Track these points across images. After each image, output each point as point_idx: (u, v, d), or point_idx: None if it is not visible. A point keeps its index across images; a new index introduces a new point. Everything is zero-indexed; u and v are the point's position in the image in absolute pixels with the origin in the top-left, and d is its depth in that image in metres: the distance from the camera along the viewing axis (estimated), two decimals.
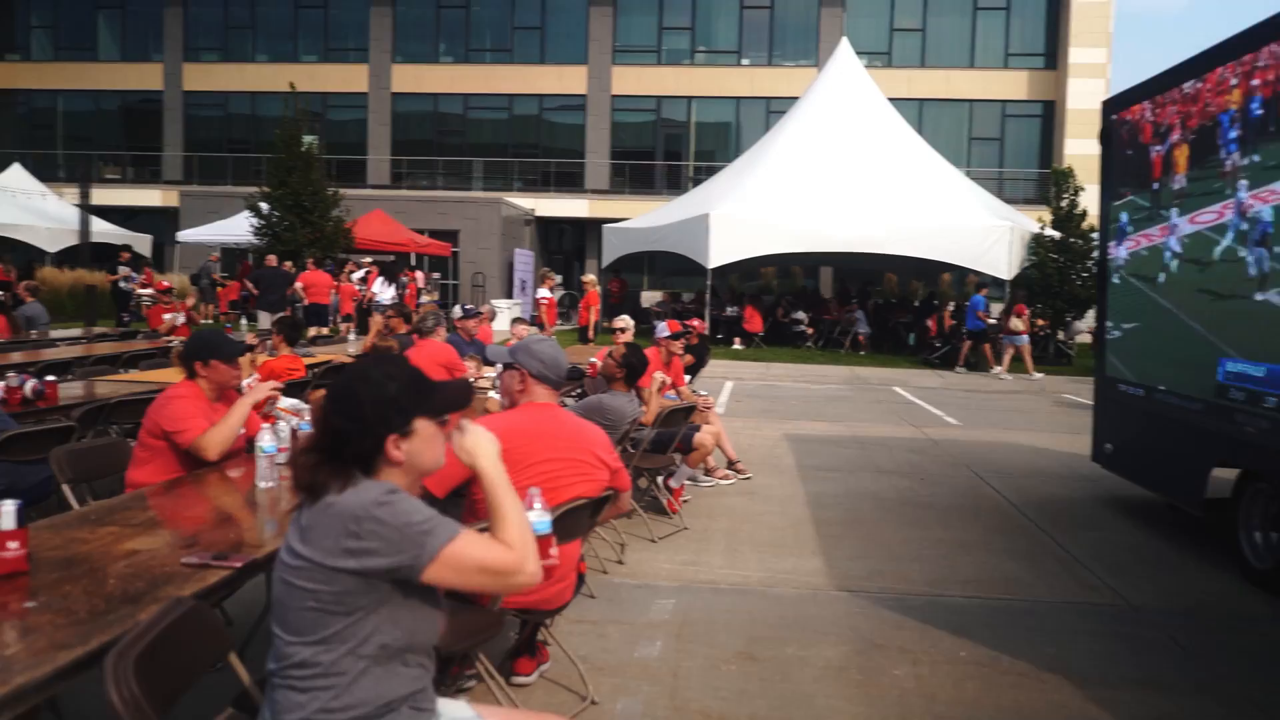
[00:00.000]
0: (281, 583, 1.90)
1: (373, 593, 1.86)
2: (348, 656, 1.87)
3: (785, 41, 30.36)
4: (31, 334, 11.29)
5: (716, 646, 4.11)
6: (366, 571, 1.83)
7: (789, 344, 20.82)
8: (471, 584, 1.92)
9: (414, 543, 1.85)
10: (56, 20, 32.92)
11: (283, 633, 1.90)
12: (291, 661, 1.88)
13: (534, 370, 3.44)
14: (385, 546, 1.83)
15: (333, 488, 1.90)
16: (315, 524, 1.87)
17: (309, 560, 1.85)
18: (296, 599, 1.86)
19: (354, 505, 1.86)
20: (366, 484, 1.93)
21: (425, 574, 1.86)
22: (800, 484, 7.45)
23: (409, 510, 1.88)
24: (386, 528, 1.84)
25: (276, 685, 1.92)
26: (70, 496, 3.81)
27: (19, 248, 24.27)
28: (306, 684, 1.87)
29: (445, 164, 31.29)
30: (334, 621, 1.86)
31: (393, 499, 1.88)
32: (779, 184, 18.84)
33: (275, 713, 1.91)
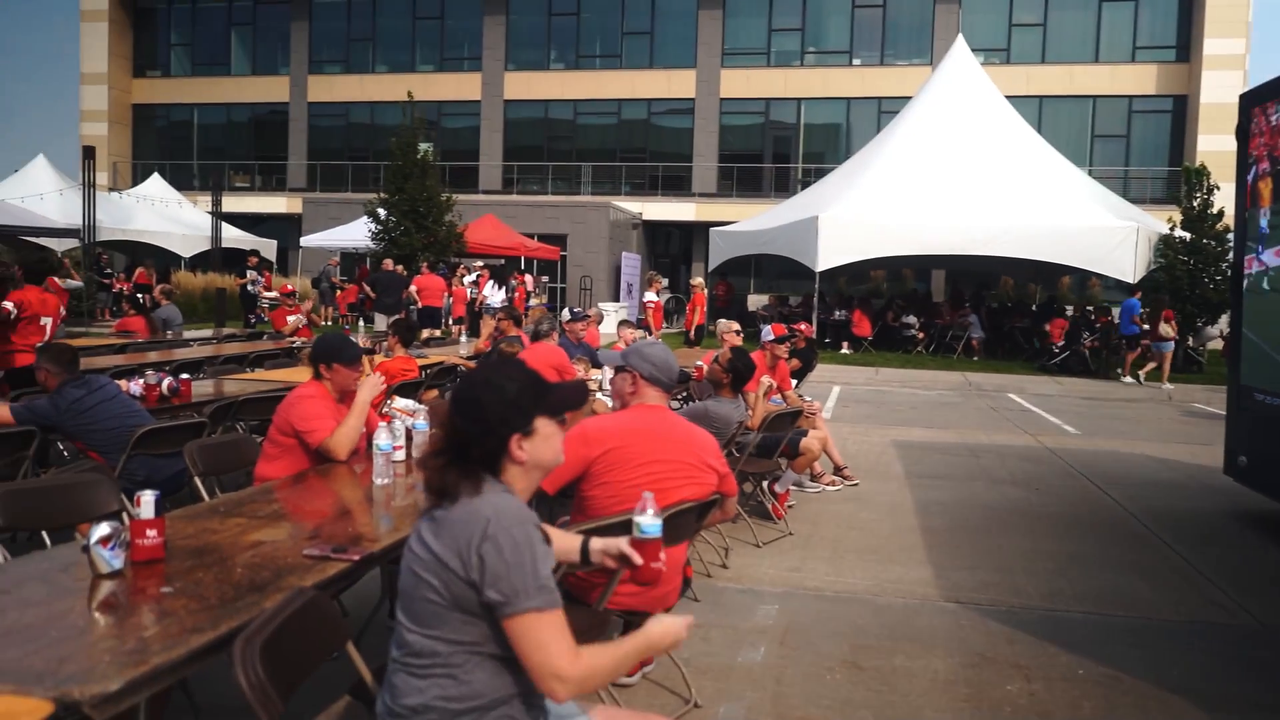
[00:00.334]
0: (409, 572, 1.97)
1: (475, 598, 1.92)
2: (464, 650, 1.93)
3: (898, 40, 29.74)
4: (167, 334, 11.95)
5: (821, 654, 4.06)
6: (471, 584, 1.90)
7: (898, 348, 20.37)
8: (523, 653, 1.91)
9: (516, 588, 1.88)
10: (193, 38, 34.81)
11: (406, 620, 1.97)
12: (412, 649, 1.95)
13: (645, 373, 3.48)
14: (492, 572, 1.88)
15: (463, 489, 1.97)
16: (452, 523, 1.94)
17: (436, 556, 1.92)
18: (421, 590, 1.94)
19: (492, 516, 1.92)
20: (512, 501, 1.99)
21: (505, 621, 1.89)
22: (908, 491, 7.29)
23: (536, 557, 1.91)
24: (504, 557, 1.88)
25: (397, 670, 1.99)
26: (201, 488, 4.03)
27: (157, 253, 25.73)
28: (426, 672, 1.94)
29: (554, 169, 31.79)
30: (452, 618, 1.92)
31: (528, 538, 1.92)
32: (890, 185, 18.47)
33: (394, 697, 1.98)
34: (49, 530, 3.46)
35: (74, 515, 3.39)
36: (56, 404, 4.63)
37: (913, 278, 28.96)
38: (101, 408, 4.69)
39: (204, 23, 34.55)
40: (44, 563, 2.62)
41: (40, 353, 4.92)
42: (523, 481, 2.08)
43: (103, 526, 2.42)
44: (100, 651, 1.95)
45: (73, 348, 4.96)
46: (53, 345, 5.05)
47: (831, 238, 17.65)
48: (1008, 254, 17.61)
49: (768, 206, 24.63)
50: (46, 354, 4.83)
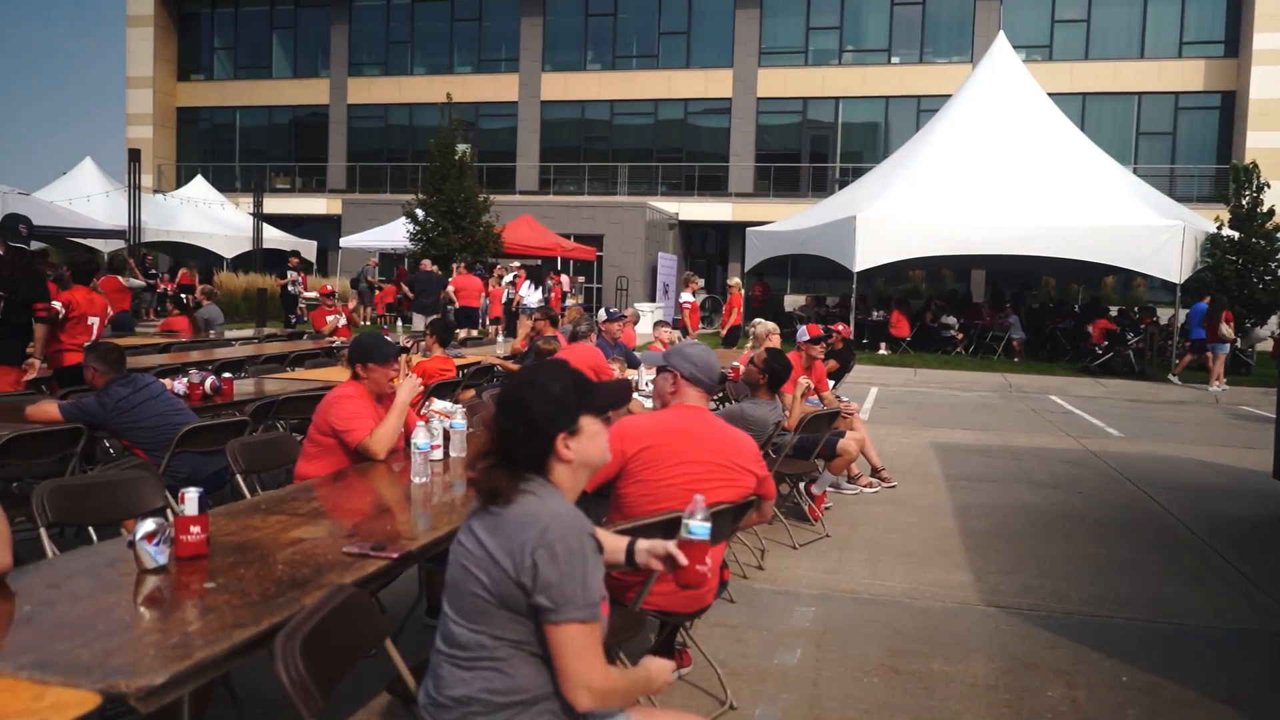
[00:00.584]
0: (459, 567, 2.00)
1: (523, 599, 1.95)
2: (509, 646, 1.96)
3: (938, 38, 29.45)
4: (209, 334, 12.14)
5: (858, 657, 4.03)
6: (521, 587, 1.92)
7: (937, 349, 20.16)
8: (560, 659, 1.94)
9: (564, 597, 1.91)
10: (236, 42, 35.36)
11: (453, 613, 2.00)
12: (458, 642, 1.98)
13: (686, 372, 3.48)
14: (544, 579, 1.90)
15: (512, 489, 1.99)
16: (508, 523, 1.96)
17: (489, 553, 1.95)
18: (469, 585, 1.96)
19: (550, 523, 1.94)
20: (570, 509, 2.01)
21: (547, 628, 1.93)
22: (947, 494, 7.22)
23: (588, 569, 1.95)
24: (558, 566, 1.91)
25: (442, 661, 2.01)
26: (243, 486, 4.09)
27: (200, 254, 26.17)
28: (471, 664, 1.97)
29: (591, 169, 31.86)
30: (499, 615, 1.95)
31: (584, 548, 1.95)
32: (930, 184, 18.28)
33: (439, 687, 2.01)
34: (96, 526, 3.52)
35: (120, 511, 3.45)
36: (103, 402, 4.72)
37: (952, 278, 28.66)
38: (147, 406, 4.78)
39: (246, 26, 35.08)
40: (91, 558, 2.67)
41: (88, 352, 5.02)
42: (570, 480, 2.10)
43: (148, 523, 2.46)
44: (146, 645, 1.98)
45: (120, 347, 5.05)
46: (100, 344, 5.15)
47: (869, 238, 17.51)
48: (1049, 254, 17.37)
49: (805, 206, 24.50)
50: (94, 353, 4.93)
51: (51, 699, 1.67)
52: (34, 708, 1.63)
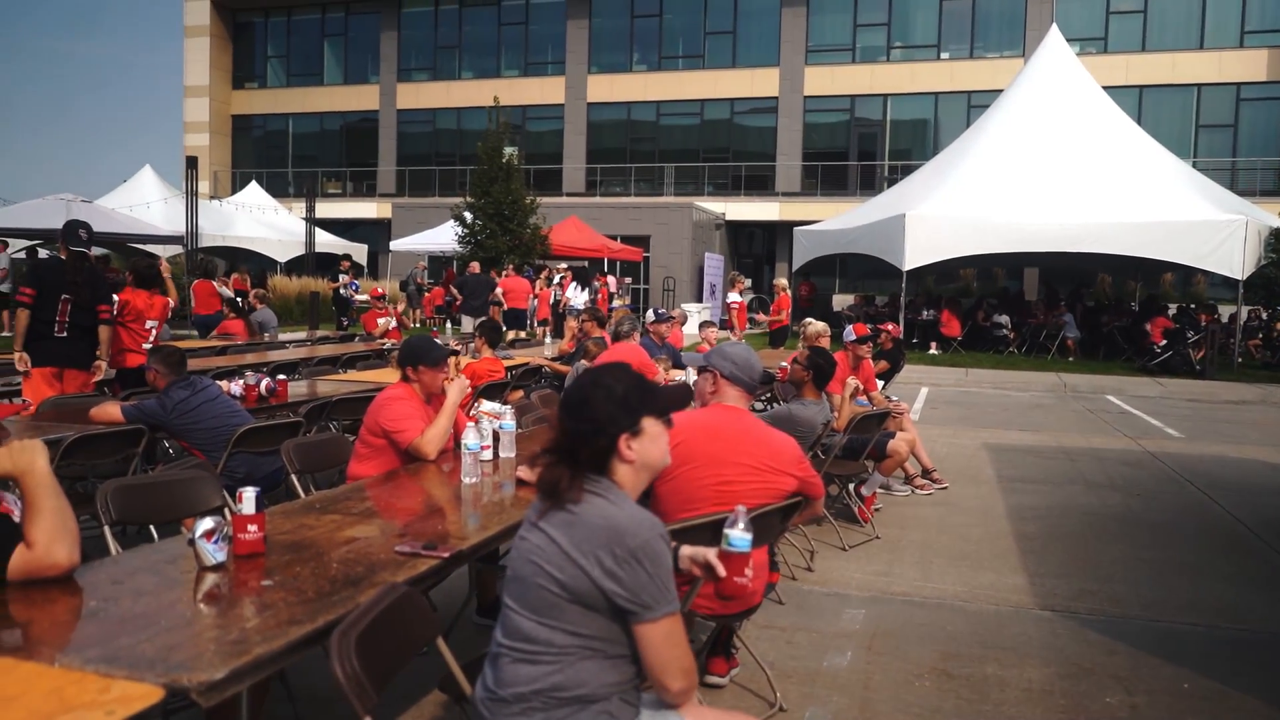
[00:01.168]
0: (527, 562, 2.03)
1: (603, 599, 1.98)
2: (576, 642, 1.99)
3: (989, 32, 29.01)
4: (264, 337, 12.36)
5: (909, 660, 3.98)
6: (605, 591, 1.96)
7: (989, 349, 19.85)
8: (657, 651, 2.00)
9: (654, 598, 1.97)
10: (289, 50, 36.01)
11: (519, 608, 2.03)
12: (524, 636, 2.01)
13: (725, 371, 3.45)
14: (633, 584, 1.95)
15: (574, 488, 2.03)
16: (586, 524, 1.99)
17: (564, 551, 1.98)
18: (539, 579, 1.99)
19: (630, 528, 1.99)
20: (645, 512, 2.05)
21: (640, 627, 1.98)
22: (1000, 495, 7.10)
23: (668, 568, 2.02)
24: (645, 569, 1.96)
25: (503, 655, 2.04)
26: (297, 486, 4.16)
27: (254, 258, 26.66)
28: (535, 659, 1.99)
29: (637, 170, 31.91)
30: (570, 610, 1.98)
31: (664, 548, 2.01)
32: (981, 181, 18.02)
33: (498, 682, 2.03)
34: (156, 524, 3.61)
35: (179, 510, 3.53)
36: (164, 404, 4.84)
37: (1004, 276, 28.21)
38: (205, 408, 4.89)
39: (298, 34, 35.71)
40: (153, 555, 2.74)
41: (151, 354, 5.15)
42: (631, 481, 2.13)
43: (207, 521, 2.51)
44: (206, 641, 2.02)
45: (181, 351, 5.18)
46: (162, 347, 5.28)
47: (919, 236, 17.31)
48: (1105, 250, 17.04)
49: (853, 205, 24.29)
50: (156, 355, 5.06)
51: (117, 692, 1.71)
52: (100, 700, 1.67)
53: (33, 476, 2.31)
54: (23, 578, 2.27)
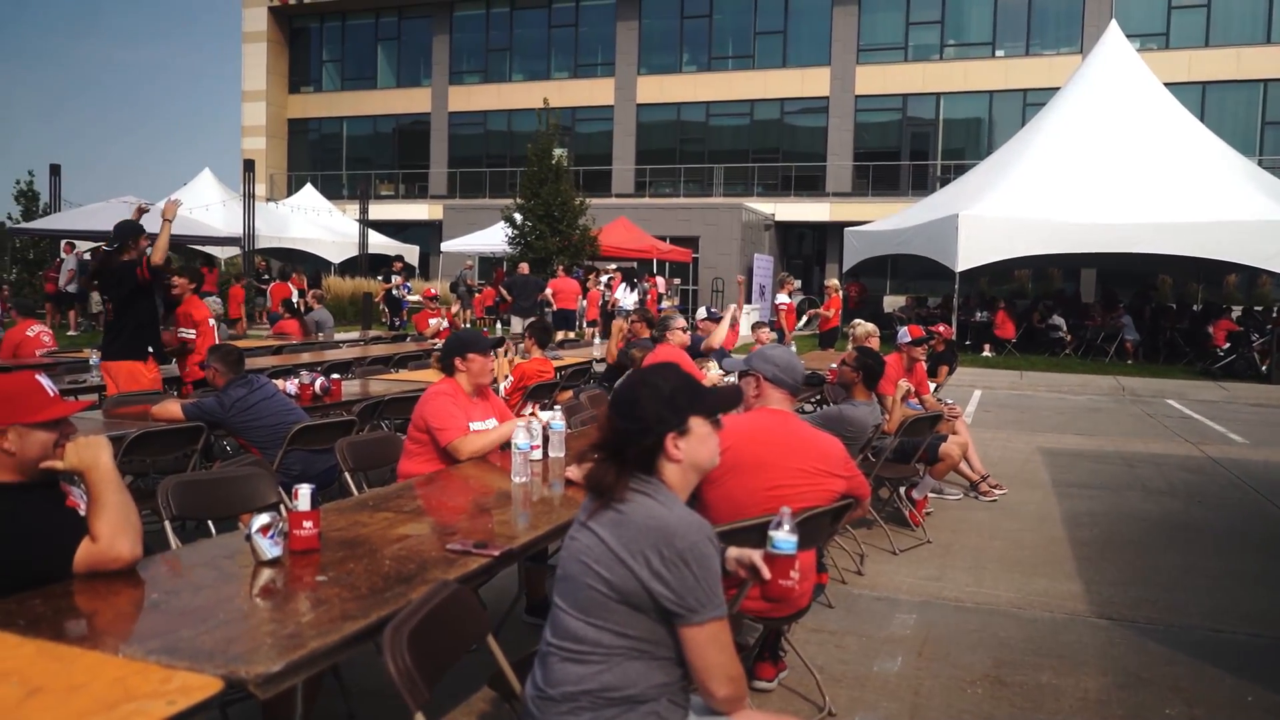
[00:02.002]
0: (576, 561, 2.03)
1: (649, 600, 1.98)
2: (624, 642, 1.99)
3: (1045, 29, 28.49)
4: (318, 336, 12.57)
5: (961, 667, 3.92)
6: (651, 592, 1.96)
7: (1044, 351, 19.49)
8: (703, 655, 1.99)
9: (700, 600, 1.96)
10: (343, 54, 36.59)
11: (568, 608, 2.03)
12: (573, 635, 2.01)
13: (768, 374, 3.42)
14: (680, 587, 1.95)
15: (619, 487, 2.04)
16: (635, 525, 1.99)
17: (612, 551, 1.98)
18: (588, 579, 2.00)
19: (679, 530, 1.98)
20: (693, 514, 2.06)
21: (685, 630, 1.97)
22: (1055, 501, 6.97)
23: (715, 571, 2.01)
24: (692, 572, 1.95)
25: (552, 654, 2.05)
26: (350, 483, 4.22)
27: (309, 259, 27.15)
28: (583, 658, 2.00)
29: (686, 171, 31.88)
30: (618, 610, 1.98)
31: (712, 551, 2.01)
32: (1037, 181, 17.69)
33: (547, 681, 2.04)
34: (214, 520, 3.69)
35: (236, 506, 3.60)
36: (222, 401, 4.94)
37: (1060, 277, 27.68)
38: (262, 406, 4.99)
39: (353, 39, 36.26)
40: (211, 550, 2.80)
41: (210, 353, 5.27)
42: (680, 481, 2.13)
43: (263, 517, 2.56)
44: (263, 635, 2.06)
45: (239, 350, 5.29)
46: (221, 346, 5.40)
47: (973, 236, 17.04)
48: (1166, 251, 16.62)
49: (905, 205, 24.01)
50: (215, 354, 5.17)
51: (178, 682, 1.75)
52: (162, 690, 1.71)
53: (97, 472, 2.40)
54: (88, 570, 2.34)
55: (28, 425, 2.38)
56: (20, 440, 2.38)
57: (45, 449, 2.42)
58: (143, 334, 6.66)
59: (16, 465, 2.39)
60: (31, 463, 2.40)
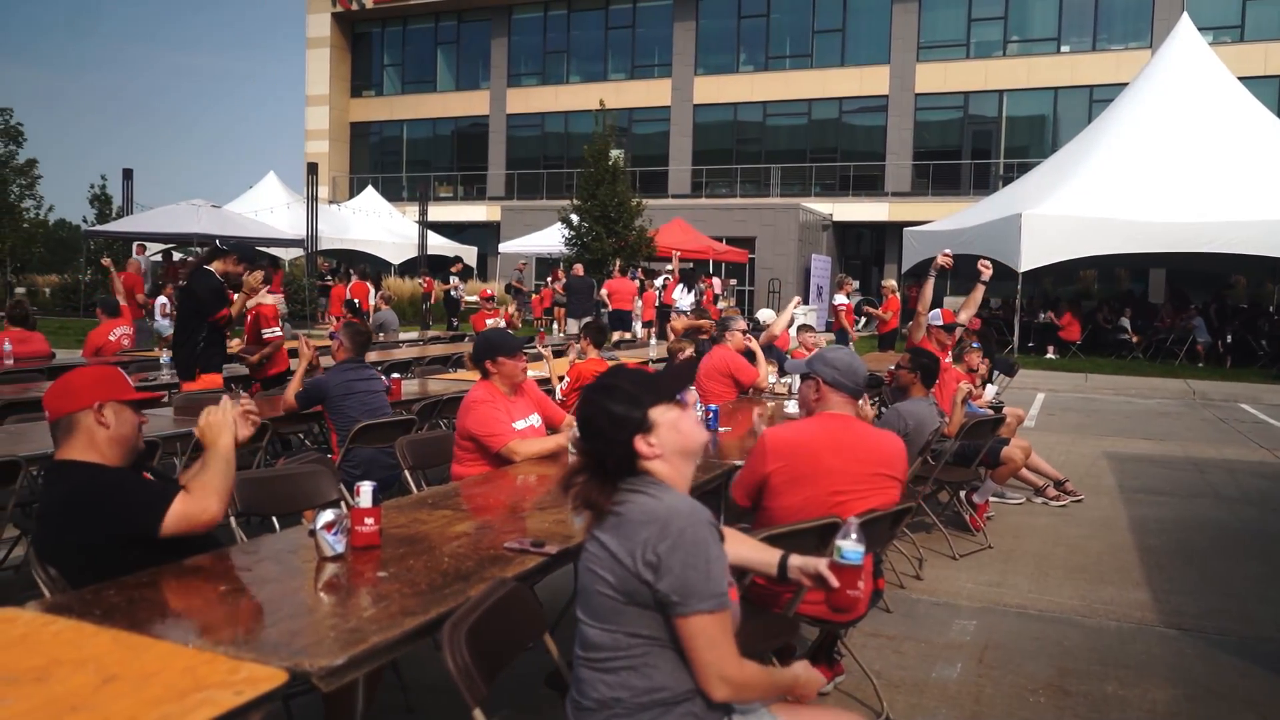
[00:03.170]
0: (586, 570, 2.03)
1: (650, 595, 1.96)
2: (643, 643, 1.97)
3: (1113, 23, 27.79)
4: (380, 337, 12.76)
5: (1023, 675, 3.85)
6: (647, 583, 1.93)
7: (1110, 354, 19.02)
8: (693, 650, 1.95)
9: (689, 589, 1.91)
10: (404, 58, 37.15)
11: (586, 617, 2.03)
12: (594, 644, 2.01)
13: (828, 378, 3.38)
14: (667, 573, 1.91)
15: (607, 500, 2.02)
16: (629, 522, 1.98)
17: (611, 553, 1.97)
18: (597, 585, 1.99)
19: (667, 516, 1.95)
20: (687, 501, 2.02)
21: (677, 621, 1.93)
22: (1122, 507, 6.80)
23: (710, 558, 1.95)
24: (680, 558, 1.91)
25: (582, 665, 2.05)
26: (410, 481, 4.29)
27: (369, 260, 27.61)
28: (609, 665, 1.99)
29: (743, 171, 31.74)
30: (628, 612, 1.96)
31: (707, 535, 1.96)
32: (1104, 179, 17.26)
33: (581, 692, 2.04)
34: (278, 515, 3.77)
35: (299, 502, 3.68)
36: (332, 376, 5.16)
37: (1127, 277, 26.97)
38: (359, 397, 5.15)
39: (413, 43, 36.80)
40: (276, 544, 2.86)
41: (344, 327, 5.46)
42: (671, 472, 2.08)
43: (328, 513, 2.61)
44: (326, 629, 2.10)
45: (368, 332, 5.50)
46: (353, 324, 5.62)
47: (1036, 236, 16.70)
48: (1240, 251, 16.09)
49: (966, 205, 23.61)
50: (347, 330, 5.42)
51: (245, 673, 1.79)
52: (230, 680, 1.76)
53: (215, 448, 2.68)
54: (177, 522, 2.50)
55: (122, 402, 2.62)
56: (116, 416, 2.60)
57: (134, 429, 2.65)
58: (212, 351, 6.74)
59: (105, 442, 2.59)
60: (121, 441, 2.61)
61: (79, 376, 2.65)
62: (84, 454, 2.58)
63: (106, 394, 2.59)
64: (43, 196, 25.49)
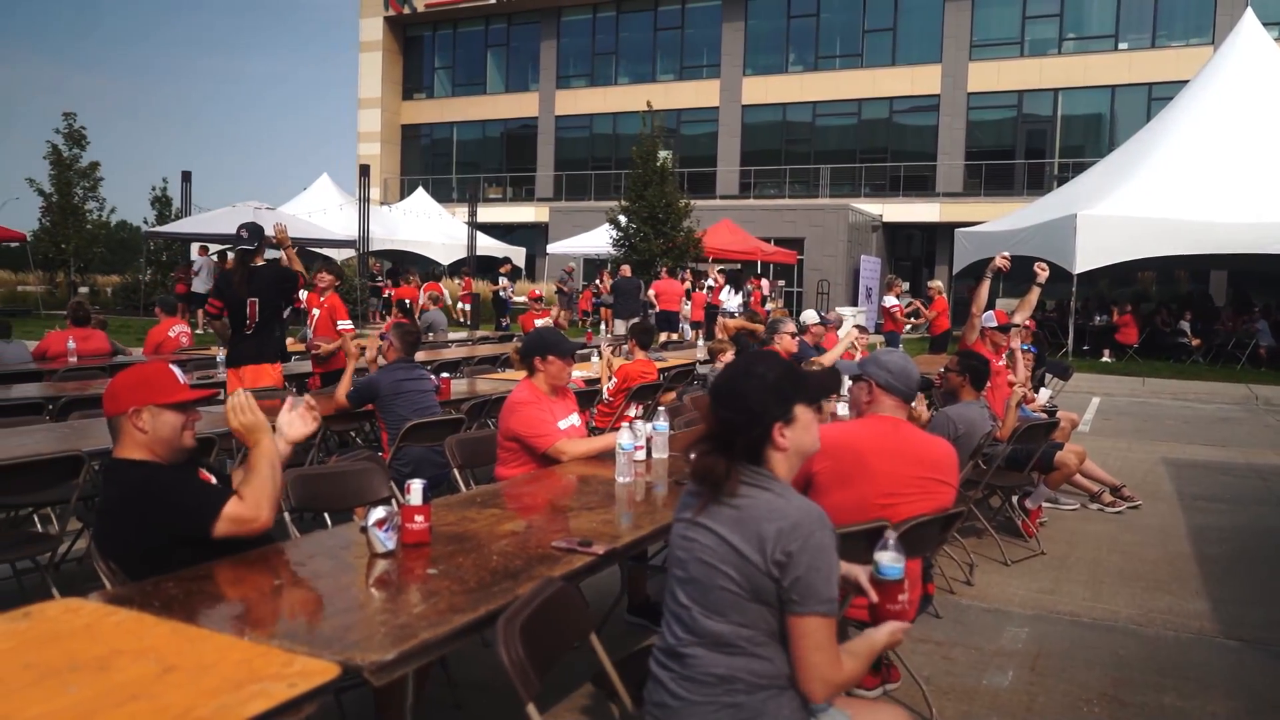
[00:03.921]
0: (700, 563, 2.05)
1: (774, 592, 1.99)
2: (764, 634, 2.01)
3: (1173, 19, 27.16)
4: (429, 337, 12.90)
5: (1077, 684, 3.77)
6: (774, 580, 1.97)
7: (1169, 357, 18.58)
8: (800, 650, 1.98)
9: (808, 590, 1.95)
10: (454, 61, 37.55)
11: (702, 609, 2.04)
12: (711, 634, 2.03)
13: (881, 380, 3.36)
14: (791, 574, 1.95)
15: (729, 479, 2.04)
16: (754, 518, 2.00)
17: (734, 548, 2.00)
18: (716, 579, 2.01)
19: (796, 518, 1.99)
20: (815, 505, 2.05)
21: (790, 619, 1.97)
22: (1180, 514, 6.64)
23: (833, 564, 2.00)
24: (806, 560, 1.95)
25: (691, 646, 2.05)
26: (459, 479, 4.33)
27: (419, 261, 27.94)
28: (728, 650, 2.01)
29: (792, 172, 31.57)
30: (751, 608, 2.00)
31: (829, 540, 2.00)
32: (1164, 178, 16.86)
33: (692, 666, 2.05)
34: (330, 512, 3.83)
35: (351, 499, 3.74)
36: (383, 376, 5.28)
37: (1187, 279, 26.33)
38: (410, 396, 5.27)
39: (464, 46, 37.18)
40: (328, 540, 2.91)
41: (394, 329, 5.59)
42: (785, 469, 2.12)
43: (379, 510, 2.65)
44: (376, 624, 2.13)
45: (418, 333, 5.59)
46: (404, 324, 5.76)
47: (1092, 237, 16.37)
48: None
49: (1019, 205, 23.22)
50: (396, 330, 5.53)
51: (299, 666, 1.83)
52: (284, 673, 1.79)
53: (258, 449, 2.70)
54: (227, 527, 2.54)
55: (159, 406, 2.63)
56: (153, 420, 2.62)
57: (175, 430, 2.66)
58: (271, 339, 6.83)
59: (149, 444, 2.63)
60: (163, 442, 2.64)
61: (122, 380, 2.69)
62: (135, 453, 2.63)
63: (144, 399, 2.62)
64: (105, 198, 26.07)
